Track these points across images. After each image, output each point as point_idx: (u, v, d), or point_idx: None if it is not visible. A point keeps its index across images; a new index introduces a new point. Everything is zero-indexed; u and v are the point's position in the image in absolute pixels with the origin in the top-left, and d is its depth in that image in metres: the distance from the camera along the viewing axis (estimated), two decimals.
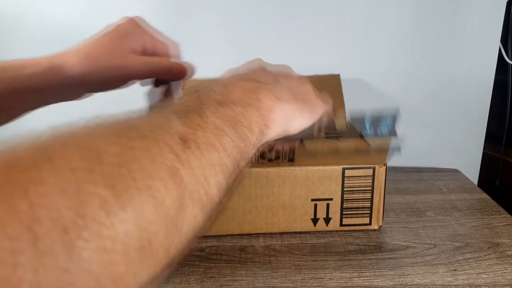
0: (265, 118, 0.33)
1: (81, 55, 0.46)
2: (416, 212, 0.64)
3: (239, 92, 0.33)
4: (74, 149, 0.20)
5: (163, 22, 0.77)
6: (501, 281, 0.49)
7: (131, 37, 0.50)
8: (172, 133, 0.24)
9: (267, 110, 0.33)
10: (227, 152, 0.27)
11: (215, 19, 0.76)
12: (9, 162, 0.18)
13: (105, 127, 0.23)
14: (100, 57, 0.46)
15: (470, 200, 0.68)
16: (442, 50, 0.79)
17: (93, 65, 0.46)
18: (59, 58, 0.46)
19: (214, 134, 0.27)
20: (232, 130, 0.28)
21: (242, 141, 0.29)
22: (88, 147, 0.20)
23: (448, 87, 0.81)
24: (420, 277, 0.49)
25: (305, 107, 0.38)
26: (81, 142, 0.20)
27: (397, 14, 0.76)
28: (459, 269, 0.51)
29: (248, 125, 0.30)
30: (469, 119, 0.83)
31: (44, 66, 0.45)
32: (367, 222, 0.59)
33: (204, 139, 0.26)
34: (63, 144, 0.20)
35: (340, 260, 0.53)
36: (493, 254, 0.54)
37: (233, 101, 0.31)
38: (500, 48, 0.79)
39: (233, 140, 0.28)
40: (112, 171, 0.19)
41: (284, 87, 0.37)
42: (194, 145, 0.25)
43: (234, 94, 0.32)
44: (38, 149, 0.19)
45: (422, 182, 0.74)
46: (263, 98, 0.33)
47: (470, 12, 0.76)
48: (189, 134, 0.25)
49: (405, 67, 0.80)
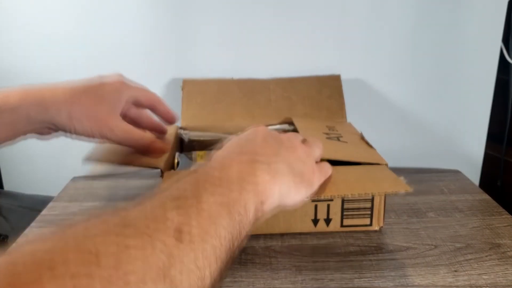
0: (261, 194, 0.34)
1: (70, 105, 0.47)
2: (417, 213, 0.64)
3: (236, 169, 0.34)
4: (74, 253, 0.21)
5: (161, 22, 0.77)
6: (502, 282, 0.48)
7: (124, 91, 0.51)
8: (167, 227, 0.25)
9: (262, 186, 0.34)
10: (220, 240, 0.28)
11: (213, 18, 0.76)
12: (14, 275, 0.19)
13: (104, 224, 0.24)
14: (87, 110, 0.47)
15: (471, 201, 0.68)
16: (443, 50, 0.78)
17: (79, 118, 0.47)
18: (47, 97, 0.47)
19: (209, 222, 0.28)
20: (228, 215, 0.29)
21: (238, 223, 0.30)
22: (88, 251, 0.21)
23: (449, 87, 0.81)
24: (421, 278, 0.49)
25: (302, 182, 0.39)
26: (81, 245, 0.22)
27: (398, 14, 0.76)
28: (460, 270, 0.51)
29: (244, 204, 0.31)
30: (470, 119, 0.82)
31: (29, 101, 0.46)
32: (367, 223, 0.59)
33: (199, 229, 0.27)
34: (64, 249, 0.21)
35: (340, 261, 0.53)
36: (494, 255, 0.54)
37: (229, 180, 0.32)
38: (502, 48, 0.79)
39: (228, 225, 0.29)
40: (109, 276, 0.21)
41: (283, 161, 0.38)
42: (188, 237, 0.26)
43: (231, 172, 0.33)
44: (41, 257, 0.20)
45: (423, 183, 0.74)
46: (260, 174, 0.34)
47: (471, 11, 0.76)
48: (184, 225, 0.26)
49: (405, 67, 0.79)
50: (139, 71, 0.78)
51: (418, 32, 0.77)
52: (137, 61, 0.78)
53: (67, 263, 0.20)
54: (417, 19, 0.77)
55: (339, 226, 0.59)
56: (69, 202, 0.68)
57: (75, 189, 0.73)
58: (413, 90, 0.81)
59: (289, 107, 0.75)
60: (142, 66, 0.78)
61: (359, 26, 0.77)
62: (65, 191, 0.72)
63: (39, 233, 0.59)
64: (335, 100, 0.76)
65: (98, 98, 0.48)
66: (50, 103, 0.47)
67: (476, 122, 0.83)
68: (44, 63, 0.77)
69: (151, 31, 0.76)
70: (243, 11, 0.76)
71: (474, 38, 0.77)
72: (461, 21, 0.77)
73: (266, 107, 0.75)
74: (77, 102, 0.47)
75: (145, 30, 0.76)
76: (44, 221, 0.63)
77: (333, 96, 0.76)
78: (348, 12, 0.76)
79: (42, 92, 0.47)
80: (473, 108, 0.82)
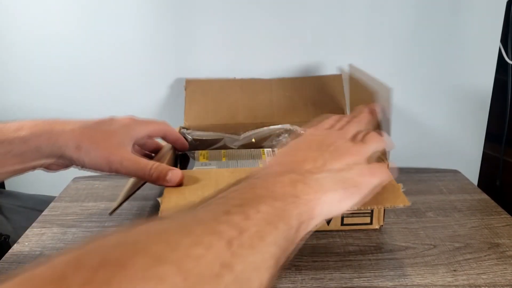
0: (304, 213, 0.34)
1: (79, 137, 0.48)
2: (416, 212, 0.64)
3: (279, 188, 0.34)
4: (144, 258, 0.23)
5: (163, 22, 0.77)
6: (501, 282, 0.49)
7: (133, 126, 0.53)
8: (221, 238, 0.27)
9: (306, 204, 0.34)
10: (269, 251, 0.29)
11: (216, 18, 0.76)
12: (87, 275, 0.21)
13: (171, 229, 0.27)
14: (96, 142, 0.49)
15: (470, 200, 0.68)
16: (442, 50, 0.79)
17: (87, 150, 0.48)
18: (57, 130, 0.48)
19: (256, 236, 0.29)
20: (273, 229, 0.30)
21: (283, 237, 0.31)
22: (155, 256, 0.24)
23: (448, 87, 0.81)
24: (420, 278, 0.50)
25: (348, 192, 0.38)
26: (151, 249, 0.24)
27: (398, 15, 0.76)
28: (459, 269, 0.51)
29: (287, 221, 0.32)
30: (469, 119, 0.83)
31: (40, 133, 0.47)
32: (368, 222, 0.59)
33: (248, 242, 0.28)
34: (134, 252, 0.24)
35: (340, 260, 0.53)
36: (493, 254, 0.54)
37: (274, 198, 0.33)
38: (500, 48, 0.79)
39: (274, 238, 0.30)
40: (174, 283, 0.23)
41: (329, 174, 0.38)
42: (238, 249, 0.27)
43: (275, 190, 0.34)
44: (113, 260, 0.23)
45: (422, 182, 0.74)
46: (302, 195, 0.35)
47: (470, 12, 0.76)
48: (234, 239, 0.27)
49: (405, 67, 0.80)
50: (142, 71, 0.79)
51: (417, 33, 0.78)
52: (140, 62, 0.78)
53: (136, 266, 0.23)
54: (417, 20, 0.77)
55: (339, 225, 0.59)
56: (70, 202, 0.68)
57: (76, 189, 0.73)
58: (412, 90, 0.81)
59: (291, 107, 0.75)
60: (144, 66, 0.78)
61: (359, 26, 0.77)
62: (66, 191, 0.72)
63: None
64: (337, 100, 0.76)
65: (107, 132, 0.50)
66: (59, 135, 0.48)
67: (475, 122, 0.83)
68: (44, 63, 0.78)
69: (153, 32, 0.77)
70: (245, 11, 0.76)
71: (473, 38, 0.78)
72: (460, 21, 0.77)
73: (268, 107, 0.75)
74: (87, 134, 0.49)
75: (148, 30, 0.77)
76: (45, 221, 0.63)
77: (335, 96, 0.77)
78: (349, 12, 0.76)
79: (52, 125, 0.48)
80: (472, 108, 0.82)
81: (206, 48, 0.78)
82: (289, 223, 0.32)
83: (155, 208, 0.66)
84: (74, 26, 0.76)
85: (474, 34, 0.78)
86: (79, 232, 0.60)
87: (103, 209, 0.66)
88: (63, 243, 0.58)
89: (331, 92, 0.77)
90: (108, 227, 0.61)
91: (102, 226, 0.62)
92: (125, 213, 0.65)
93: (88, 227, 0.61)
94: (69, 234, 0.60)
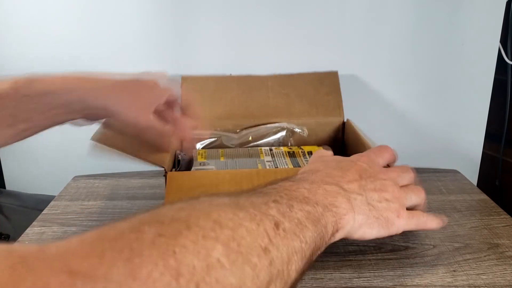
0: (337, 223, 0.38)
1: (115, 95, 0.51)
2: None
3: (322, 195, 0.38)
4: (206, 221, 0.27)
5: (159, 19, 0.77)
6: (500, 282, 0.49)
7: (160, 92, 0.55)
8: (270, 220, 0.31)
9: (340, 217, 0.38)
10: (306, 244, 0.33)
11: (211, 15, 0.76)
12: (161, 228, 0.26)
13: (223, 203, 0.31)
14: (130, 105, 0.52)
15: (469, 201, 0.68)
16: (442, 49, 0.79)
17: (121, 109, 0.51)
18: (87, 86, 0.50)
19: (298, 227, 0.33)
20: (312, 226, 0.34)
21: (319, 237, 0.35)
22: (215, 220, 0.28)
23: (448, 87, 0.81)
24: (419, 278, 0.50)
25: (376, 223, 0.41)
26: (209, 215, 0.28)
27: (397, 14, 0.77)
28: (458, 270, 0.51)
29: (324, 224, 0.36)
30: (468, 119, 0.83)
31: (73, 94, 0.48)
32: None
33: (291, 230, 0.32)
34: (197, 217, 0.27)
35: (340, 260, 0.53)
36: (493, 255, 0.54)
37: (316, 202, 0.36)
38: (500, 48, 0.79)
39: (312, 235, 0.34)
40: (229, 246, 0.26)
41: (366, 196, 0.41)
42: (283, 233, 0.31)
43: (318, 195, 0.37)
44: (180, 218, 0.27)
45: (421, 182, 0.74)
46: (340, 207, 0.38)
47: (470, 12, 0.76)
48: (280, 223, 0.31)
49: (404, 67, 0.80)
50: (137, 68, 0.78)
51: (417, 32, 0.78)
52: (136, 59, 0.78)
53: (200, 228, 0.26)
54: (416, 19, 0.77)
55: None
56: (70, 201, 0.68)
57: (77, 188, 0.73)
58: (411, 90, 0.81)
59: (287, 104, 0.75)
60: (140, 63, 0.78)
61: (357, 23, 0.77)
62: (66, 190, 0.72)
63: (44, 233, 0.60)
64: (333, 97, 0.76)
65: (136, 93, 0.53)
66: (89, 91, 0.49)
67: (475, 122, 0.83)
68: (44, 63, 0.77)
69: (149, 29, 0.77)
70: (241, 8, 0.76)
71: (473, 38, 0.78)
72: (460, 21, 0.77)
73: (264, 103, 0.75)
74: (116, 93, 0.51)
75: (144, 27, 0.77)
76: (46, 220, 0.63)
77: (331, 93, 0.77)
78: (347, 10, 0.76)
79: (82, 82, 0.50)
80: (471, 108, 0.82)
81: (202, 45, 0.78)
82: (326, 227, 0.36)
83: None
84: (72, 25, 0.76)
85: (473, 34, 0.78)
86: (79, 231, 0.60)
87: (103, 208, 0.66)
88: None
89: (327, 89, 0.77)
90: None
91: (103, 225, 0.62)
92: (125, 212, 0.65)
93: (88, 226, 0.61)
94: (69, 233, 0.60)
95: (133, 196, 0.70)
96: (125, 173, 0.77)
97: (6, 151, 0.83)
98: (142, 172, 0.77)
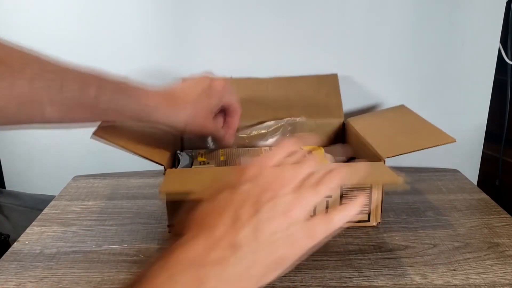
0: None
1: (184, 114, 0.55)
2: (416, 212, 0.64)
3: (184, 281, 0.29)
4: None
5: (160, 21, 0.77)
6: (500, 281, 0.49)
7: (220, 98, 0.60)
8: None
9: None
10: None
11: (212, 18, 0.76)
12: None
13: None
14: (196, 119, 0.56)
15: (469, 200, 0.68)
16: (442, 50, 0.79)
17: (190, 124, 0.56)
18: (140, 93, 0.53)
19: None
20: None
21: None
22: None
23: (448, 87, 0.81)
24: (419, 277, 0.50)
25: (270, 273, 0.34)
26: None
27: (397, 14, 0.77)
28: (458, 269, 0.51)
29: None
30: (468, 119, 0.83)
31: (151, 105, 0.53)
32: (365, 219, 0.60)
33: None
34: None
35: (340, 259, 0.53)
36: (493, 254, 0.54)
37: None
38: (500, 49, 0.79)
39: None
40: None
41: (250, 250, 0.32)
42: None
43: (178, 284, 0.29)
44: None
45: (421, 182, 0.74)
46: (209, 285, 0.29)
47: (470, 12, 0.76)
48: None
49: (404, 67, 0.80)
50: (138, 70, 0.79)
51: (417, 32, 0.78)
52: (137, 61, 0.78)
53: None
54: (416, 19, 0.77)
55: None
56: (70, 201, 0.68)
57: (76, 188, 0.73)
58: (411, 90, 0.81)
59: (287, 106, 0.75)
60: (141, 65, 0.78)
61: (357, 25, 0.77)
62: (66, 190, 0.72)
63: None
64: (333, 99, 0.76)
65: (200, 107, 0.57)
66: (141, 95, 0.53)
67: (475, 122, 0.83)
68: None
69: (149, 29, 0.77)
70: (242, 10, 0.76)
71: (473, 38, 0.78)
72: (460, 21, 0.77)
73: (265, 106, 0.75)
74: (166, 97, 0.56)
75: (144, 27, 0.76)
76: (46, 220, 0.63)
77: (331, 95, 0.77)
78: (347, 11, 0.76)
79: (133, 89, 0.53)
80: (471, 108, 0.82)
81: (202, 47, 0.78)
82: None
83: (155, 208, 0.66)
84: (73, 26, 0.76)
85: (473, 34, 0.78)
86: (79, 231, 0.60)
87: (103, 208, 0.66)
88: (63, 241, 0.58)
89: (327, 91, 0.77)
90: (109, 226, 0.61)
91: (102, 225, 0.62)
92: (125, 211, 0.65)
93: (88, 226, 0.61)
94: (69, 233, 0.60)
95: (133, 196, 0.70)
96: (125, 173, 0.78)
97: (5, 151, 0.83)
98: (142, 171, 0.77)
